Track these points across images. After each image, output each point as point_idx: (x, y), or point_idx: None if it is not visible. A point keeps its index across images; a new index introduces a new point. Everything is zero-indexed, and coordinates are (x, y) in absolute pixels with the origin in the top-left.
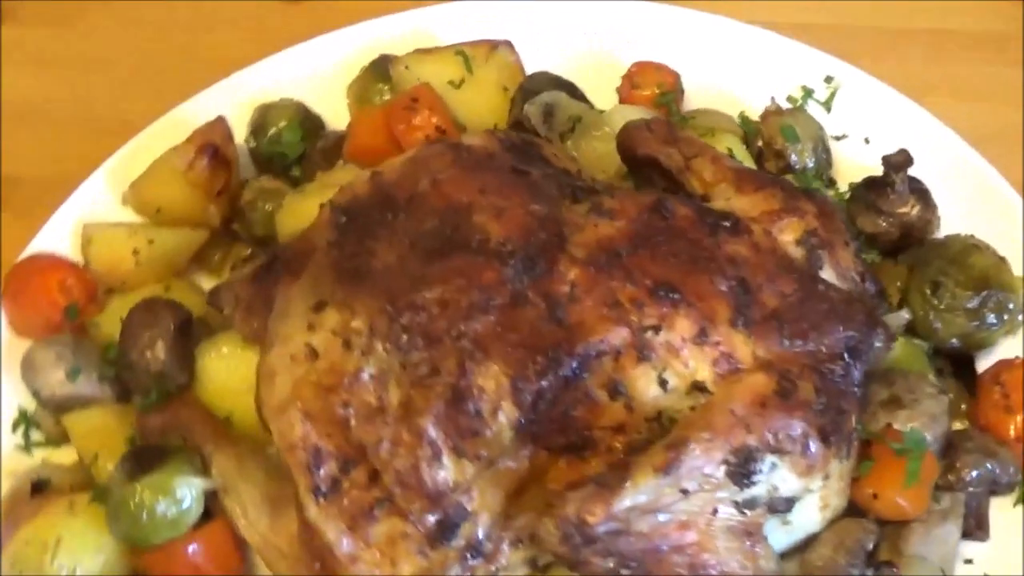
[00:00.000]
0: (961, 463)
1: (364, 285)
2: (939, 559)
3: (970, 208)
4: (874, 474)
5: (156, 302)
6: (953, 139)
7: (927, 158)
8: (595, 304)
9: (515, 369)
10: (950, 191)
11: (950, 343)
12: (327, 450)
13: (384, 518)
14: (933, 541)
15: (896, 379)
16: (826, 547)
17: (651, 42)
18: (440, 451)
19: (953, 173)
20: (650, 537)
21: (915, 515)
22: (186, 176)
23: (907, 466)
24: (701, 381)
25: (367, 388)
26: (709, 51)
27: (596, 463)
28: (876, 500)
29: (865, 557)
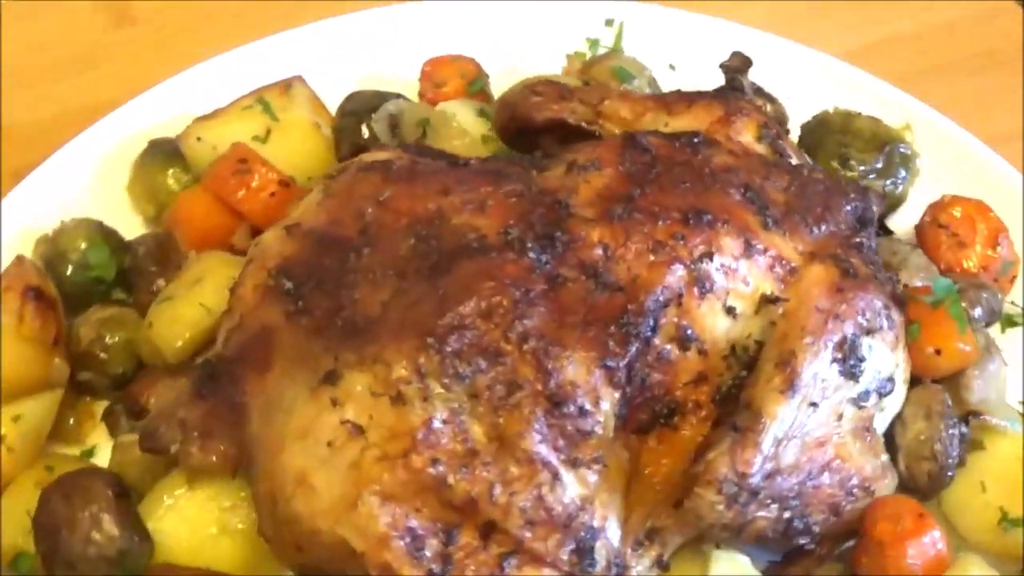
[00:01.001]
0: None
1: (377, 333)
2: (999, 395)
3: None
4: (927, 332)
5: (73, 478)
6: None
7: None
8: (636, 255)
9: (597, 349)
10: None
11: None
12: (423, 526)
13: (516, 572)
14: (990, 379)
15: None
16: (917, 422)
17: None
18: (556, 470)
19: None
20: (798, 467)
21: (974, 357)
22: (19, 332)
23: (952, 313)
24: (768, 293)
25: (446, 436)
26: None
27: (687, 427)
28: (939, 356)
29: (955, 421)
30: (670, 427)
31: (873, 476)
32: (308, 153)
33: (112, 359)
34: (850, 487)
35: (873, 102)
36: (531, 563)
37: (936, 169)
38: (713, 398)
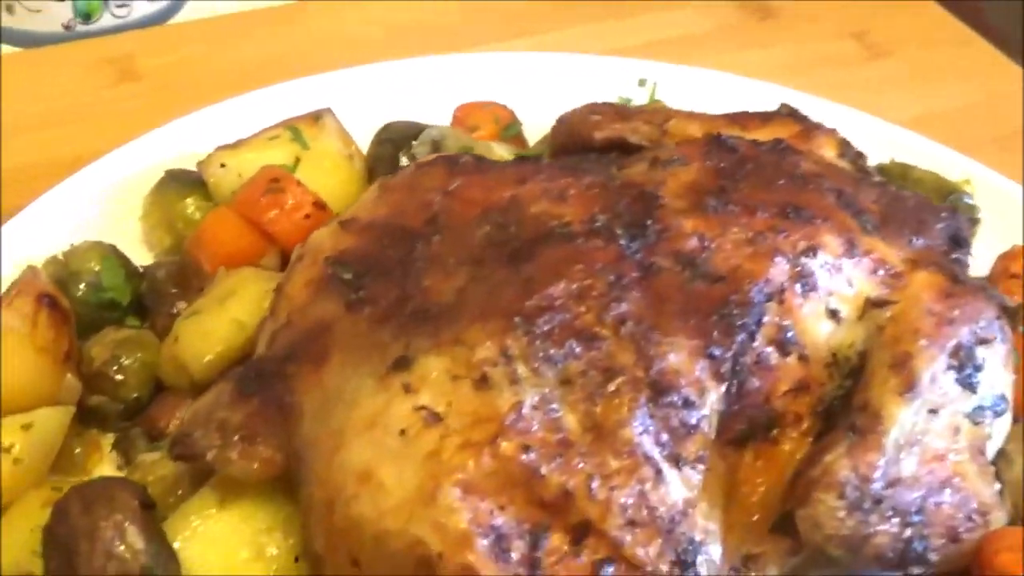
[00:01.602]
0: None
1: (455, 317)
2: None
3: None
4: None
5: (94, 485)
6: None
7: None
8: (735, 246)
9: (701, 337)
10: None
11: None
12: (509, 525)
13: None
14: None
15: None
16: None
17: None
18: (659, 466)
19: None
20: (919, 480)
21: None
22: (32, 340)
23: None
24: (875, 297)
25: (536, 423)
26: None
27: (787, 441)
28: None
29: None
30: (768, 441)
31: (990, 503)
32: (339, 184)
33: (127, 382)
34: (969, 511)
35: (931, 163)
36: (629, 573)
37: (997, 225)
38: (814, 410)
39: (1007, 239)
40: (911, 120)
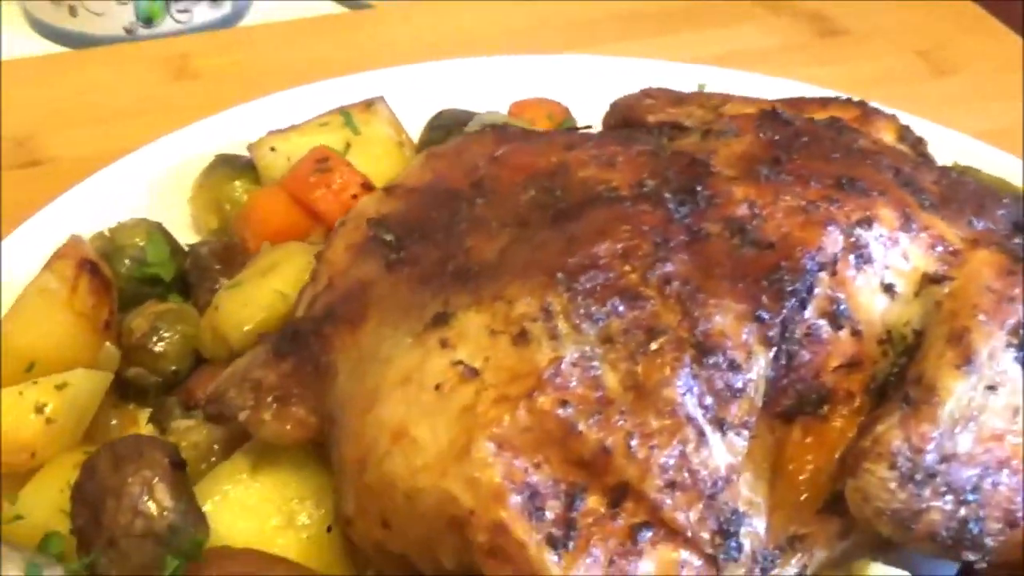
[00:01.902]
0: None
1: (496, 275)
2: None
3: None
4: None
5: (125, 441)
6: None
7: None
8: (787, 214)
9: (749, 302)
10: None
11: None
12: (544, 484)
13: (650, 549)
14: None
15: None
16: None
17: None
18: (702, 428)
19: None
20: (975, 458)
21: None
22: (71, 304)
23: None
24: (932, 272)
25: (575, 379)
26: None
27: (837, 418)
28: None
29: None
30: (818, 417)
31: None
32: (388, 169)
33: (166, 354)
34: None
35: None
36: (668, 539)
37: None
38: (867, 388)
39: None
40: (975, 136)
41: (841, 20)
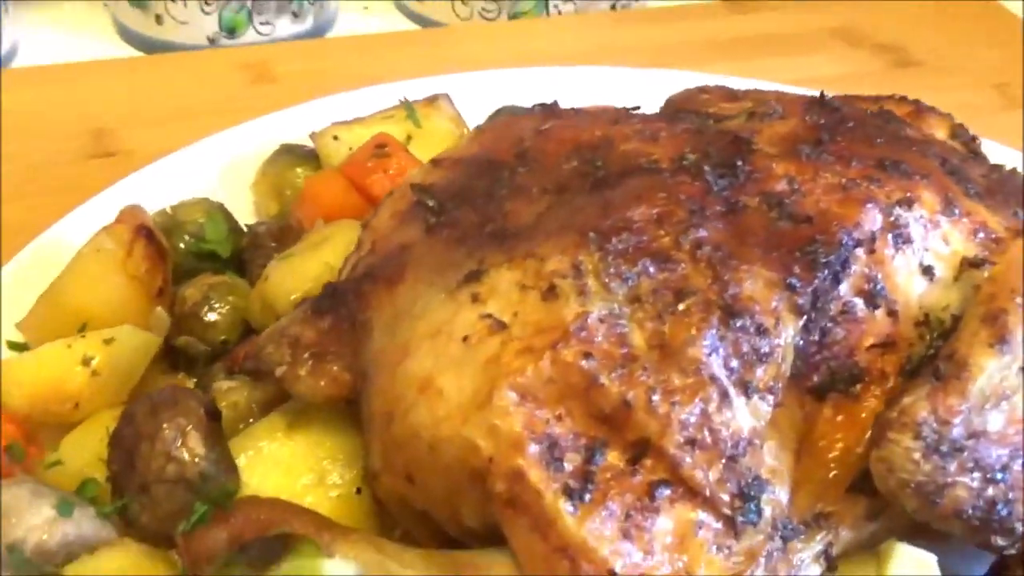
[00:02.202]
0: None
1: (531, 234)
2: None
3: None
4: None
5: (165, 393)
6: None
7: None
8: (826, 190)
9: (781, 270)
10: None
11: None
12: (564, 436)
13: (667, 507)
14: None
15: None
16: None
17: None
18: (725, 388)
19: None
20: (1006, 438)
21: None
22: (124, 266)
23: None
24: (972, 256)
25: (600, 335)
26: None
27: (870, 398)
28: None
29: None
30: (850, 396)
31: None
32: None
33: (216, 324)
34: None
35: None
36: (686, 497)
37: None
38: (901, 369)
39: None
40: None
41: (917, 53)
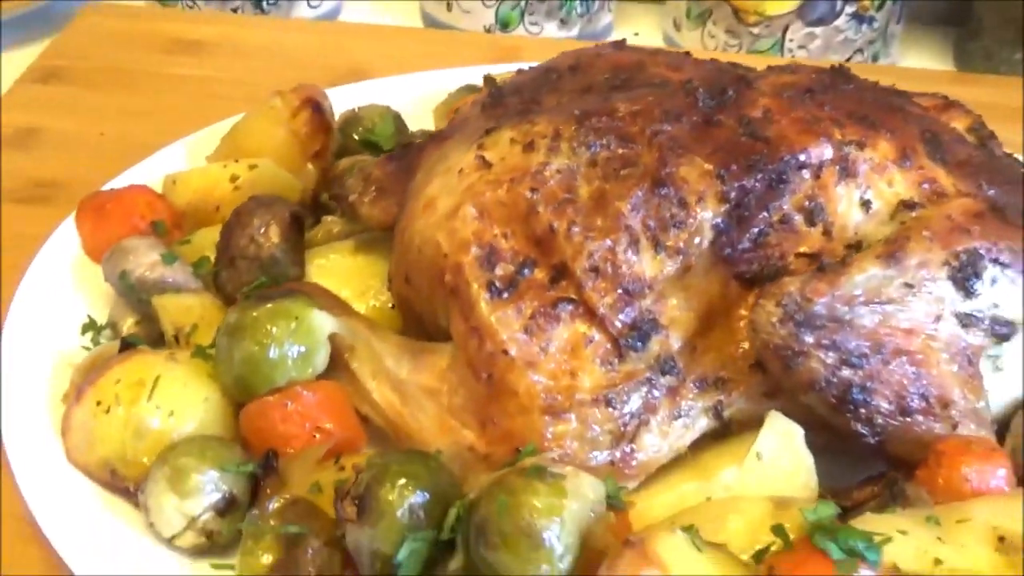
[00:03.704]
0: None
1: (542, 111)
2: None
3: None
4: None
5: (267, 197)
6: None
7: None
8: (792, 123)
9: (717, 163)
10: None
11: None
12: (504, 249)
13: (568, 320)
14: None
15: None
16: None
17: None
18: (638, 237)
19: None
20: (875, 334)
21: None
22: (288, 124)
23: None
24: (909, 199)
25: (554, 180)
26: None
27: None
28: None
29: None
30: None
31: (962, 407)
32: None
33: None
34: (926, 393)
35: None
36: (583, 316)
37: None
38: None
39: None
40: None
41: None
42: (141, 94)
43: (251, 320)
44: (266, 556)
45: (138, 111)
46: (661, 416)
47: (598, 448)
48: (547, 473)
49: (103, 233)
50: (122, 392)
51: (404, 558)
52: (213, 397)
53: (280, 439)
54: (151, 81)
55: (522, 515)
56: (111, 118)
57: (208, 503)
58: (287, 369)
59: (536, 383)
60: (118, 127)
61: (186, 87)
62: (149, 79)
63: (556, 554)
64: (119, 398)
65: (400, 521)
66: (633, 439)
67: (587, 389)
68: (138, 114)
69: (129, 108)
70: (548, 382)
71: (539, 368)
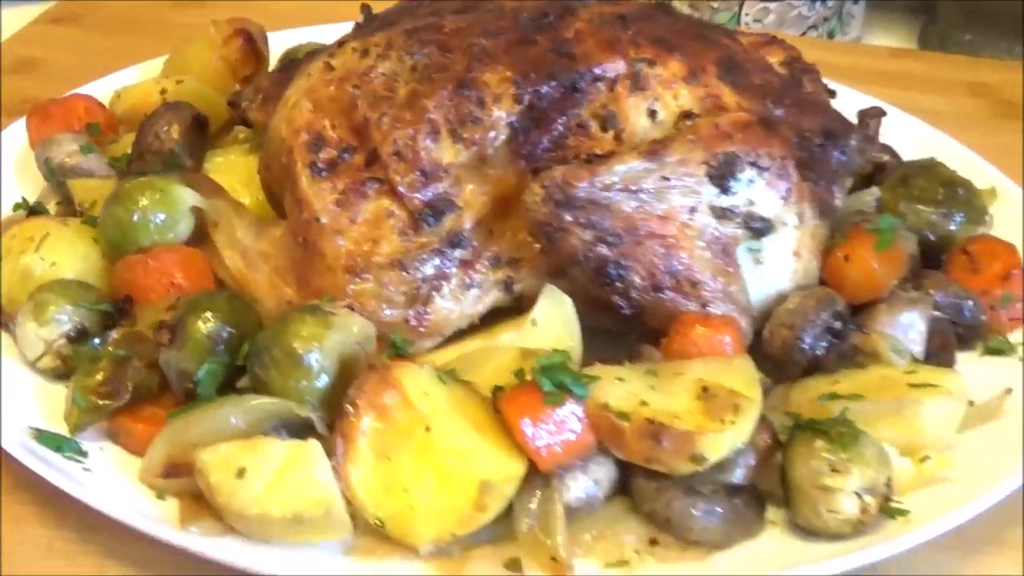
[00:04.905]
0: (929, 282)
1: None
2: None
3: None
4: (847, 242)
5: (177, 103)
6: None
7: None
8: (596, 42)
9: (517, 71)
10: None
11: (919, 233)
12: (330, 137)
13: (374, 196)
14: (897, 325)
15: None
16: (796, 298)
17: None
18: (438, 129)
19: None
20: (631, 218)
21: (883, 283)
22: (220, 50)
23: (879, 236)
24: (690, 110)
25: (378, 81)
26: None
27: None
28: (848, 262)
29: (835, 314)
30: None
31: (712, 291)
32: None
33: None
34: (676, 273)
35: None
36: (387, 193)
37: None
38: None
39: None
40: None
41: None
42: (144, 39)
43: (124, 191)
44: (99, 375)
45: (139, 55)
46: (454, 284)
47: (393, 306)
48: (319, 311)
49: (45, 131)
50: (15, 245)
51: (202, 376)
52: (93, 255)
53: (141, 291)
54: (155, 28)
55: (288, 340)
56: (111, 58)
57: (61, 331)
58: (150, 232)
59: (341, 247)
60: (117, 65)
61: (189, 36)
62: (154, 27)
63: (314, 372)
64: (11, 249)
65: (202, 346)
66: (426, 302)
67: (385, 254)
68: (138, 57)
69: (130, 50)
70: (352, 247)
71: (345, 235)
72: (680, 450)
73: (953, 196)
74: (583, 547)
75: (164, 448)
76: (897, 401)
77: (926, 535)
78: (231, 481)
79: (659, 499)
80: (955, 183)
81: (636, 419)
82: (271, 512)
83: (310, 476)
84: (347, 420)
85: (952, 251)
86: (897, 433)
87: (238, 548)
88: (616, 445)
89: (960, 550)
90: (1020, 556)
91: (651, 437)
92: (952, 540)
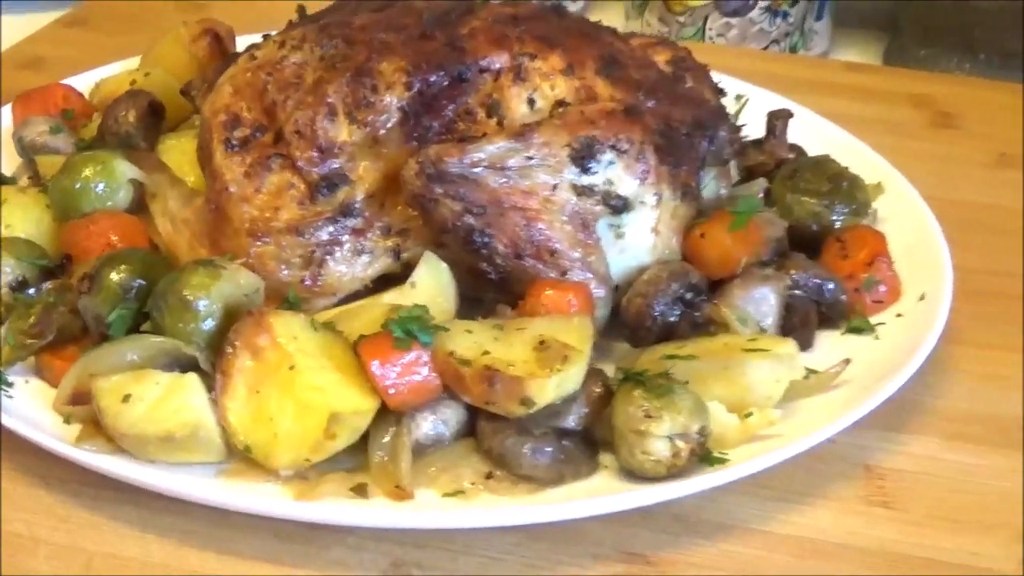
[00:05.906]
0: (791, 264)
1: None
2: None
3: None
4: (706, 222)
5: (138, 90)
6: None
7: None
8: (486, 38)
9: (410, 62)
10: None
11: (804, 224)
12: (245, 117)
13: (278, 170)
14: (749, 300)
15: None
16: (652, 270)
17: None
18: (336, 111)
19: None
20: (496, 192)
21: (736, 260)
22: (189, 47)
23: (735, 217)
24: (562, 99)
25: (288, 70)
26: None
27: None
28: (703, 239)
29: (688, 285)
30: None
31: (571, 261)
32: None
33: None
34: (537, 243)
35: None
36: (289, 167)
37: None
38: None
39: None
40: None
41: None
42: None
43: (71, 163)
44: (31, 319)
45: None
46: (346, 249)
47: (290, 267)
48: (211, 264)
49: (25, 115)
50: None
51: (113, 319)
52: (45, 220)
53: (82, 251)
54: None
55: (180, 288)
56: (113, 56)
57: (4, 281)
58: (91, 200)
59: (246, 213)
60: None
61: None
62: (156, 27)
63: (200, 316)
64: None
65: (114, 293)
66: (320, 264)
67: (284, 220)
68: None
69: (131, 49)
70: (256, 213)
71: (251, 203)
72: (511, 394)
73: (837, 189)
74: (427, 478)
75: (73, 380)
76: (726, 361)
77: (732, 476)
78: (117, 404)
79: (495, 438)
80: (841, 177)
81: (476, 365)
82: (147, 431)
83: (184, 402)
84: (226, 358)
85: (827, 241)
86: (725, 390)
87: (123, 464)
88: (460, 388)
89: (783, 501)
90: (839, 507)
91: (486, 381)
92: (776, 492)
